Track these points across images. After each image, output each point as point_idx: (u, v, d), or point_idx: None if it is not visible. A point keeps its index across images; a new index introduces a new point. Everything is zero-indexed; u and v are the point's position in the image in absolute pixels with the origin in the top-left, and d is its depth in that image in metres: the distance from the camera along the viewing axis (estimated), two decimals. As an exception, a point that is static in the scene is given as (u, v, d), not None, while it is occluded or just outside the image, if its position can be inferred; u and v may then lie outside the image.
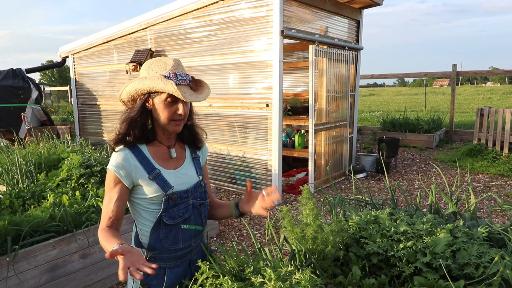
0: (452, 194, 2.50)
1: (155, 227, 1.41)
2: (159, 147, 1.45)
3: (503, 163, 6.10)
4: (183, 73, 1.38)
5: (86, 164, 3.54)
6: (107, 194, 1.37)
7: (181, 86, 1.34)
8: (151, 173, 1.38)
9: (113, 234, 1.30)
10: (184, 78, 1.36)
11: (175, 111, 1.36)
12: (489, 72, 11.17)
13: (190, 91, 1.37)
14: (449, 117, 8.48)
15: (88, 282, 2.73)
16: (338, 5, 5.47)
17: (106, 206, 1.36)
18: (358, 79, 6.20)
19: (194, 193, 1.49)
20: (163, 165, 1.43)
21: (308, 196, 1.70)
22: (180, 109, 1.36)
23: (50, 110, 12.38)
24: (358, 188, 5.20)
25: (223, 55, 5.09)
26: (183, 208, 1.44)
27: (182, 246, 1.47)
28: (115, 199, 1.35)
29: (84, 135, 7.68)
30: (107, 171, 1.38)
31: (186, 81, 1.37)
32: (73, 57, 7.62)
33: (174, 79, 1.33)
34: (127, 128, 1.38)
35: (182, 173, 1.47)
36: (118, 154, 1.38)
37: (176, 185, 1.42)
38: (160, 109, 1.36)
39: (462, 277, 1.48)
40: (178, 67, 1.38)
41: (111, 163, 1.37)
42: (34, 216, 2.62)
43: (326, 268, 1.61)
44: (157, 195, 1.39)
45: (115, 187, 1.36)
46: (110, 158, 1.40)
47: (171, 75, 1.34)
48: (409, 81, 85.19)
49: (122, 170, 1.35)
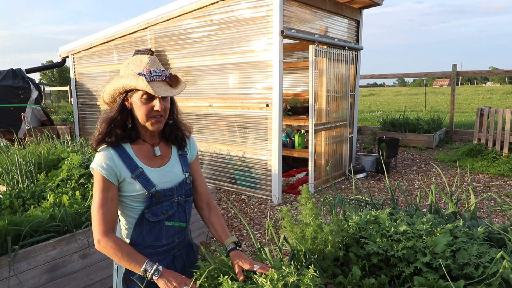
0: (452, 194, 2.50)
1: (138, 223, 1.43)
2: (143, 145, 1.45)
3: (503, 163, 6.10)
4: (159, 69, 1.37)
5: (86, 164, 3.54)
6: (98, 195, 1.35)
7: (156, 82, 1.34)
8: (134, 172, 1.39)
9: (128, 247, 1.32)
10: (159, 74, 1.36)
11: (152, 108, 1.36)
12: (489, 72, 11.17)
13: (166, 87, 1.36)
14: (449, 117, 8.48)
15: (88, 282, 2.73)
16: (338, 5, 5.47)
17: (101, 207, 1.34)
18: (358, 79, 6.20)
19: (179, 190, 1.50)
20: (147, 163, 1.43)
21: (307, 196, 1.70)
22: (156, 105, 1.35)
23: (50, 110, 12.38)
24: (358, 188, 5.20)
25: (223, 55, 5.09)
26: (167, 205, 1.45)
27: (165, 242, 1.48)
28: (110, 199, 1.35)
29: (84, 135, 7.68)
30: (94, 172, 1.37)
31: (161, 77, 1.36)
32: (73, 57, 7.62)
33: (148, 75, 1.33)
34: (106, 128, 1.38)
35: (167, 171, 1.47)
36: (102, 154, 1.37)
37: (160, 183, 1.43)
38: (137, 106, 1.37)
39: (462, 277, 1.48)
40: (153, 64, 1.38)
41: (96, 163, 1.36)
42: (34, 216, 2.62)
43: (326, 268, 1.61)
44: (139, 193, 1.40)
45: (105, 188, 1.35)
46: (95, 156, 1.40)
47: (145, 72, 1.34)
48: (409, 81, 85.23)
49: (108, 170, 1.35)
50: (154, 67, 1.37)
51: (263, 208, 4.64)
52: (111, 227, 1.34)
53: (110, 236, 1.32)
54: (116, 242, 1.32)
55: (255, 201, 4.89)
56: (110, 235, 1.32)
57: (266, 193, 4.95)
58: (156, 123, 1.38)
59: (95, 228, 1.33)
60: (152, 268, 1.27)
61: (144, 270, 1.28)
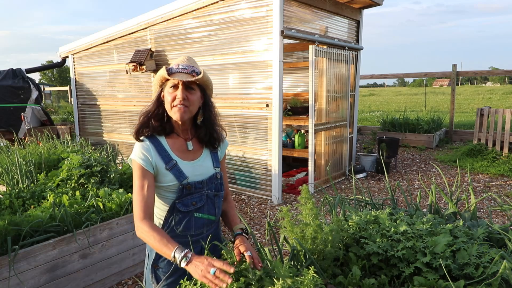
0: (452, 194, 2.50)
1: (169, 213, 1.51)
2: (177, 139, 1.53)
3: (503, 163, 6.10)
4: (188, 64, 1.46)
5: (86, 164, 3.54)
6: (137, 182, 1.43)
7: (180, 73, 1.43)
8: (168, 163, 1.47)
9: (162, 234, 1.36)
10: (186, 67, 1.45)
11: (175, 97, 1.44)
12: (489, 72, 11.17)
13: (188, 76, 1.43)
14: (449, 117, 8.48)
15: (88, 282, 2.73)
16: (338, 5, 5.47)
17: (139, 193, 1.41)
18: (358, 79, 6.20)
19: (209, 184, 1.56)
20: (180, 156, 1.51)
21: (307, 196, 1.70)
22: (178, 94, 1.43)
23: (50, 110, 12.38)
24: (358, 188, 5.20)
25: (223, 55, 5.09)
26: (197, 197, 1.52)
27: (194, 233, 1.55)
28: (147, 185, 1.42)
29: (84, 135, 7.68)
30: (132, 162, 1.47)
31: (187, 70, 1.44)
32: (73, 57, 7.62)
33: (176, 67, 1.44)
34: (143, 120, 1.50)
35: (198, 165, 1.54)
36: (140, 145, 1.47)
37: (191, 176, 1.50)
38: (166, 98, 1.47)
39: (462, 277, 1.48)
40: (185, 61, 1.48)
41: (135, 153, 1.46)
42: (34, 216, 2.62)
43: (326, 268, 1.61)
44: (172, 184, 1.47)
45: (143, 175, 1.43)
46: (134, 148, 1.49)
47: (174, 65, 1.45)
48: (409, 81, 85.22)
49: (146, 160, 1.44)
50: (185, 63, 1.47)
51: (263, 208, 4.64)
52: (148, 213, 1.40)
53: (146, 222, 1.38)
54: (151, 227, 1.37)
55: (255, 201, 4.89)
56: (145, 221, 1.38)
57: (266, 193, 4.95)
58: (178, 111, 1.44)
59: (134, 215, 1.41)
60: (180, 255, 1.29)
61: (173, 256, 1.30)
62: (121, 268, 2.94)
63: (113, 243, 2.87)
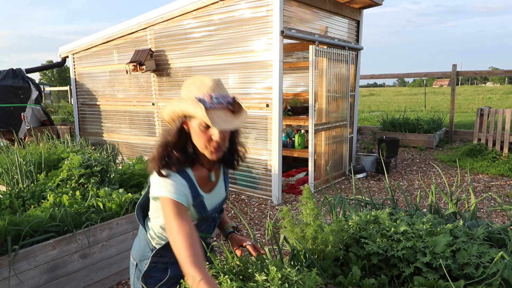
0: (452, 194, 2.50)
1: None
2: (201, 170, 1.39)
3: (503, 163, 6.10)
4: (221, 94, 1.27)
5: (86, 164, 3.54)
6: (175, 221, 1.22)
7: (216, 110, 1.23)
8: (196, 199, 1.35)
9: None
10: (221, 100, 1.25)
11: (210, 137, 1.27)
12: (489, 72, 11.17)
13: (227, 116, 1.25)
14: (449, 117, 8.48)
15: (88, 282, 2.73)
16: (338, 5, 5.47)
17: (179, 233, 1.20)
18: (358, 79, 6.20)
19: (218, 208, 1.51)
20: (204, 190, 1.40)
21: (308, 196, 1.71)
22: (215, 135, 1.26)
23: (50, 110, 12.37)
24: (358, 188, 5.20)
25: (223, 55, 5.09)
26: (204, 222, 1.47)
27: None
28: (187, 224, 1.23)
29: (84, 135, 7.68)
30: (165, 200, 1.26)
31: (223, 104, 1.25)
32: (73, 57, 7.62)
33: (209, 102, 1.23)
34: (163, 152, 1.30)
35: (214, 194, 1.47)
36: (173, 181, 1.29)
37: (209, 207, 1.43)
38: (196, 133, 1.28)
39: (462, 277, 1.48)
40: (216, 88, 1.27)
41: (168, 190, 1.27)
42: (34, 216, 2.62)
43: (326, 268, 1.61)
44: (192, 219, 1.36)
45: (181, 213, 1.25)
46: (160, 183, 1.29)
47: (206, 98, 1.24)
48: (409, 81, 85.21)
49: (184, 198, 1.29)
50: (216, 91, 1.26)
51: (263, 208, 4.64)
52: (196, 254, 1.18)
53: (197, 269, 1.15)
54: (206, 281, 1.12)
55: (255, 201, 4.89)
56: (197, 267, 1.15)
57: (266, 193, 4.95)
58: (215, 153, 1.30)
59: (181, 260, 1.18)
60: None
61: None
62: (121, 268, 2.94)
63: (113, 243, 2.87)
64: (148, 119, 6.39)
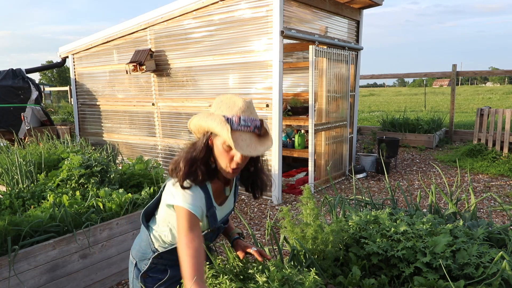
0: (452, 194, 2.50)
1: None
2: (217, 183, 1.42)
3: (503, 163, 6.10)
4: (250, 117, 1.27)
5: (86, 164, 3.54)
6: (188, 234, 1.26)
7: (242, 133, 1.25)
8: (209, 211, 1.38)
9: None
10: (249, 124, 1.26)
11: (232, 157, 1.29)
12: (489, 72, 11.17)
13: (252, 139, 1.26)
14: (449, 117, 8.48)
15: (88, 282, 2.73)
16: (338, 5, 5.47)
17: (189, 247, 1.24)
18: (358, 79, 6.20)
19: (224, 219, 1.54)
20: (217, 201, 1.43)
21: (309, 196, 1.71)
22: (236, 157, 1.28)
23: (50, 110, 12.38)
24: (358, 188, 5.20)
25: (223, 55, 5.09)
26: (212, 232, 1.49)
27: None
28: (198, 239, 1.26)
29: (84, 135, 7.68)
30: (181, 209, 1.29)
31: (250, 128, 1.26)
32: (73, 57, 7.62)
33: (236, 123, 1.24)
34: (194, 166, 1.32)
35: (225, 206, 1.50)
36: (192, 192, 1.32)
37: (220, 218, 1.46)
38: (219, 151, 1.31)
39: (462, 277, 1.48)
40: (246, 110, 1.27)
41: (187, 201, 1.29)
42: (34, 216, 2.62)
43: (326, 268, 1.61)
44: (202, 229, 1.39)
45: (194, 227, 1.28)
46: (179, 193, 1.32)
47: (234, 119, 1.25)
48: (409, 81, 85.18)
49: (199, 209, 1.32)
50: (246, 114, 1.27)
51: (263, 208, 4.64)
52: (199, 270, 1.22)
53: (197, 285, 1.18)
54: None
55: (255, 201, 4.89)
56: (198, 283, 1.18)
57: (266, 193, 4.95)
58: (233, 173, 1.33)
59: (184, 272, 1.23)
60: None
61: None
62: (121, 268, 2.94)
63: (113, 243, 2.87)
64: (148, 119, 6.39)
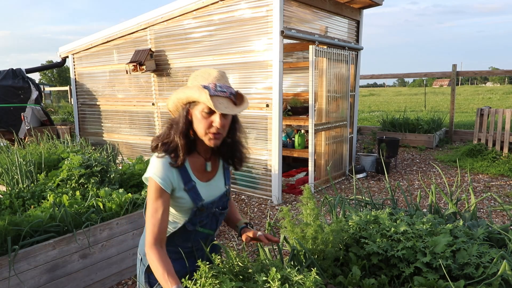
0: (452, 194, 2.50)
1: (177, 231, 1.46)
2: (198, 158, 1.45)
3: (503, 163, 6.10)
4: (225, 85, 1.35)
5: (86, 164, 3.54)
6: (153, 204, 1.35)
7: (219, 98, 1.31)
8: (187, 184, 1.40)
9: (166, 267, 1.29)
10: (224, 90, 1.33)
11: (211, 123, 1.33)
12: (489, 72, 11.18)
13: (228, 104, 1.33)
14: (449, 117, 8.48)
15: (88, 282, 2.73)
16: (338, 5, 5.47)
17: (153, 216, 1.34)
18: (358, 79, 6.20)
19: (218, 202, 1.53)
20: (198, 177, 1.45)
21: (309, 196, 1.71)
22: (215, 121, 1.32)
23: (50, 110, 12.38)
24: (358, 188, 5.20)
25: (223, 55, 5.09)
26: (204, 216, 1.49)
27: (191, 245, 1.54)
28: (162, 209, 1.34)
29: (84, 135, 7.68)
30: (150, 180, 1.36)
31: (226, 93, 1.33)
32: (73, 57, 7.62)
33: (213, 89, 1.30)
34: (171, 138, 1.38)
35: (212, 185, 1.50)
36: (160, 163, 1.36)
37: (206, 197, 1.46)
38: (198, 119, 1.35)
39: (462, 277, 1.48)
40: (220, 79, 1.35)
41: (153, 171, 1.35)
42: (34, 216, 2.62)
43: (326, 268, 1.61)
44: (187, 206, 1.42)
45: (160, 197, 1.35)
46: (150, 163, 1.38)
47: (211, 86, 1.31)
48: (409, 81, 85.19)
49: (166, 180, 1.35)
50: (221, 82, 1.35)
51: (263, 208, 4.64)
52: (159, 239, 1.33)
53: (154, 249, 1.32)
54: (158, 258, 1.30)
55: (255, 201, 4.89)
56: (154, 248, 1.32)
57: (266, 193, 4.95)
58: (214, 139, 1.36)
59: (146, 239, 1.34)
60: None
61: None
62: (121, 268, 2.94)
63: (113, 243, 2.87)
64: (148, 119, 6.39)
